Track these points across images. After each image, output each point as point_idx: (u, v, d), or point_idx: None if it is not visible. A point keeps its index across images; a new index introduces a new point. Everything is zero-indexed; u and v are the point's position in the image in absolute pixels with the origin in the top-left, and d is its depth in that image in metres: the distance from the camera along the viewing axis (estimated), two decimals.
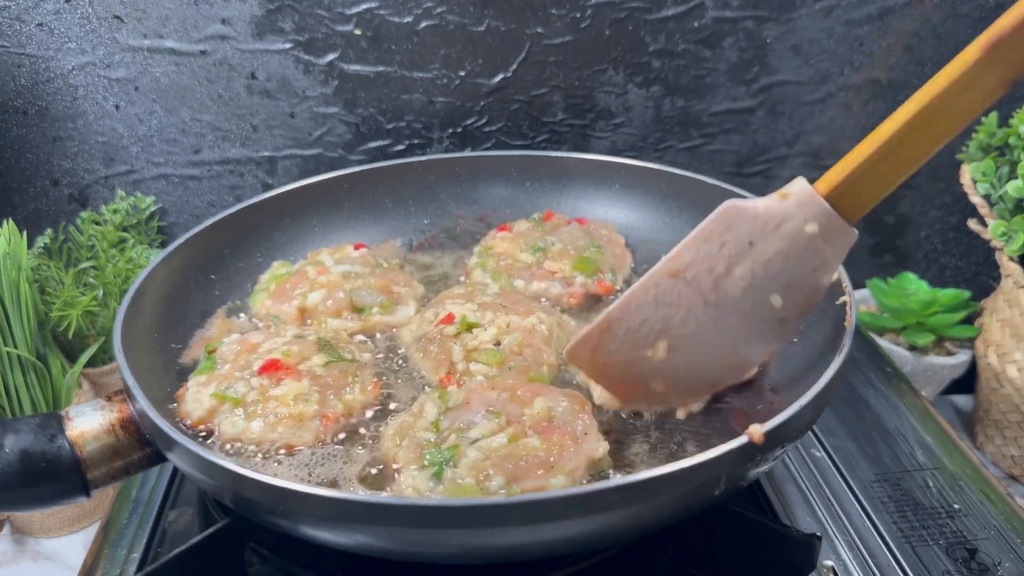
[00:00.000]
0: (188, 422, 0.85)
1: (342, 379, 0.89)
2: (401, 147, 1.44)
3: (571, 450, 0.75)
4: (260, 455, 0.82)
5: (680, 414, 0.89)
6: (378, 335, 1.03)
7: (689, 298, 0.72)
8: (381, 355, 0.99)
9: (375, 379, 0.93)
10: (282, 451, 0.82)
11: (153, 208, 1.44)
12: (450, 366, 0.92)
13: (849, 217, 0.72)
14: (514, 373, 0.90)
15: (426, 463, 0.74)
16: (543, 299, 1.08)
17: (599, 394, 0.92)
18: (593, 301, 1.08)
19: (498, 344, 0.93)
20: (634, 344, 0.76)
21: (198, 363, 0.94)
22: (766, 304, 0.75)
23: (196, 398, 0.86)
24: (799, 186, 0.71)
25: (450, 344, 0.94)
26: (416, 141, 1.44)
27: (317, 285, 1.04)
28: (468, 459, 0.72)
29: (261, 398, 0.84)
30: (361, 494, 0.64)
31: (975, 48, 0.63)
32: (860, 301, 1.56)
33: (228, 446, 0.82)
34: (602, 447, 0.77)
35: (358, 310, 1.03)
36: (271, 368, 0.87)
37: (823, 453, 1.01)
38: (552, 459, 0.73)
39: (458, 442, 0.75)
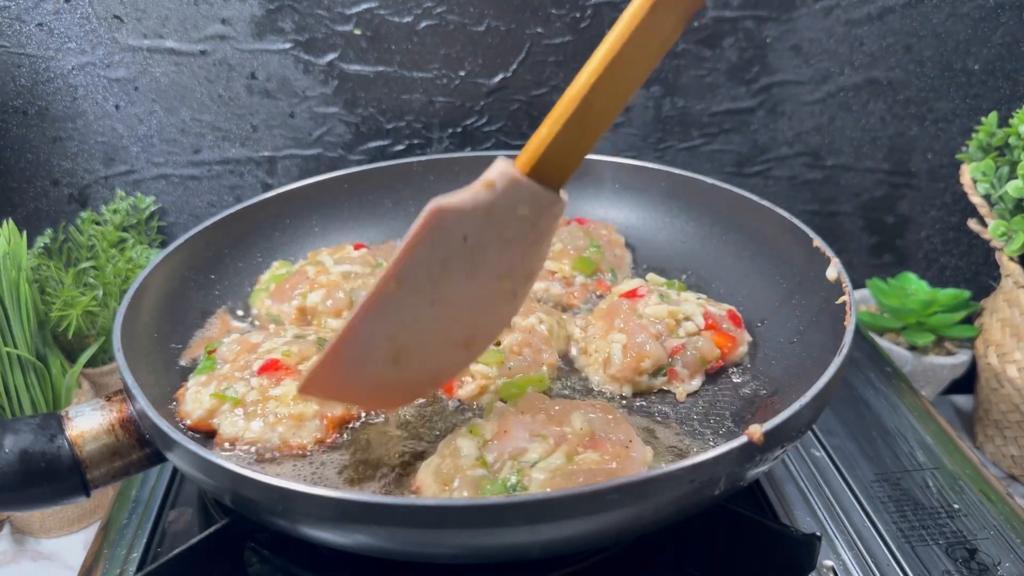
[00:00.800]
0: (188, 422, 0.85)
1: None
2: (401, 147, 1.44)
3: (629, 458, 0.74)
4: (259, 455, 0.82)
5: (679, 396, 0.90)
6: None
7: (412, 305, 0.69)
8: None
9: None
10: (282, 452, 0.82)
11: (153, 208, 1.44)
12: None
13: (555, 186, 0.69)
14: (516, 372, 0.90)
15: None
16: (558, 301, 1.09)
17: (599, 379, 0.92)
18: (594, 301, 1.09)
19: (498, 344, 0.93)
20: (367, 361, 0.72)
21: (198, 363, 0.94)
22: (493, 286, 0.72)
23: (196, 398, 0.86)
24: (502, 170, 0.66)
25: None
26: (416, 141, 1.44)
27: (317, 285, 1.04)
28: (538, 481, 0.71)
29: (261, 398, 0.84)
30: (361, 494, 0.64)
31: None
32: (860, 301, 1.56)
33: (228, 446, 0.82)
34: (649, 452, 0.77)
35: None
36: (271, 368, 0.87)
37: (823, 453, 1.01)
38: (615, 465, 0.72)
39: (520, 467, 0.73)
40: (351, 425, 0.86)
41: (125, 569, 0.87)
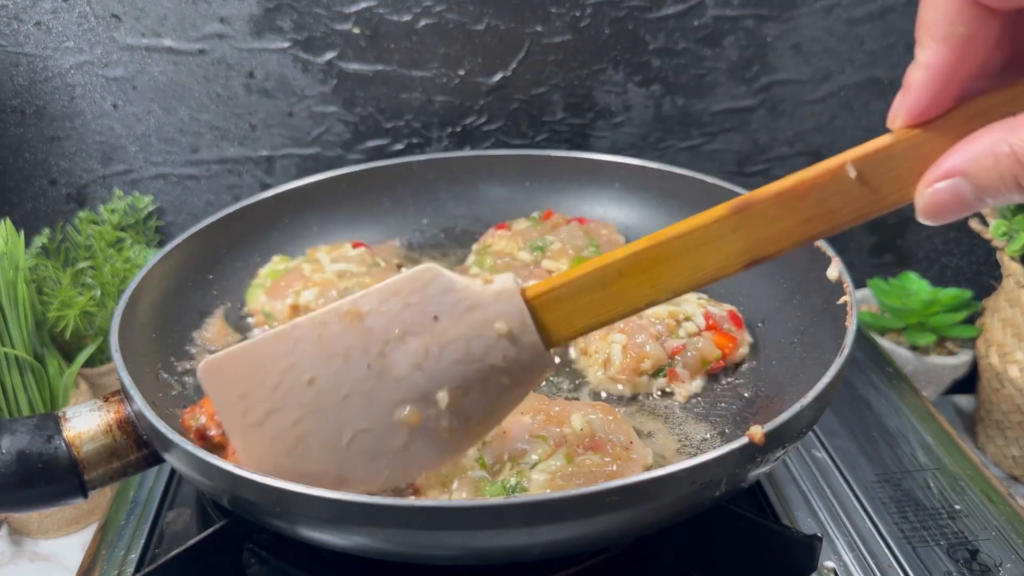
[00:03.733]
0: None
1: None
2: (400, 146, 1.44)
3: (629, 460, 0.74)
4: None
5: (680, 397, 0.89)
6: None
7: (354, 351, 0.63)
8: None
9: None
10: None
11: (151, 208, 1.44)
12: None
13: (550, 339, 0.65)
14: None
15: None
16: None
17: (599, 380, 0.92)
18: None
19: None
20: (279, 388, 0.65)
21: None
22: (429, 397, 0.65)
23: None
24: (504, 279, 0.64)
25: None
26: (415, 140, 1.43)
27: (311, 283, 1.04)
28: (538, 482, 0.71)
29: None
30: (360, 495, 0.64)
31: (724, 206, 0.60)
32: (861, 301, 1.55)
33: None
34: (649, 453, 0.77)
35: None
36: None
37: (824, 453, 1.00)
38: (615, 467, 0.72)
39: (519, 469, 0.73)
40: None
41: (123, 570, 0.86)
